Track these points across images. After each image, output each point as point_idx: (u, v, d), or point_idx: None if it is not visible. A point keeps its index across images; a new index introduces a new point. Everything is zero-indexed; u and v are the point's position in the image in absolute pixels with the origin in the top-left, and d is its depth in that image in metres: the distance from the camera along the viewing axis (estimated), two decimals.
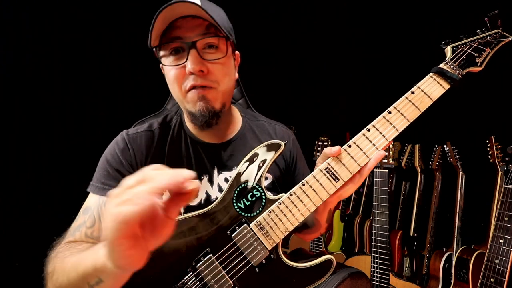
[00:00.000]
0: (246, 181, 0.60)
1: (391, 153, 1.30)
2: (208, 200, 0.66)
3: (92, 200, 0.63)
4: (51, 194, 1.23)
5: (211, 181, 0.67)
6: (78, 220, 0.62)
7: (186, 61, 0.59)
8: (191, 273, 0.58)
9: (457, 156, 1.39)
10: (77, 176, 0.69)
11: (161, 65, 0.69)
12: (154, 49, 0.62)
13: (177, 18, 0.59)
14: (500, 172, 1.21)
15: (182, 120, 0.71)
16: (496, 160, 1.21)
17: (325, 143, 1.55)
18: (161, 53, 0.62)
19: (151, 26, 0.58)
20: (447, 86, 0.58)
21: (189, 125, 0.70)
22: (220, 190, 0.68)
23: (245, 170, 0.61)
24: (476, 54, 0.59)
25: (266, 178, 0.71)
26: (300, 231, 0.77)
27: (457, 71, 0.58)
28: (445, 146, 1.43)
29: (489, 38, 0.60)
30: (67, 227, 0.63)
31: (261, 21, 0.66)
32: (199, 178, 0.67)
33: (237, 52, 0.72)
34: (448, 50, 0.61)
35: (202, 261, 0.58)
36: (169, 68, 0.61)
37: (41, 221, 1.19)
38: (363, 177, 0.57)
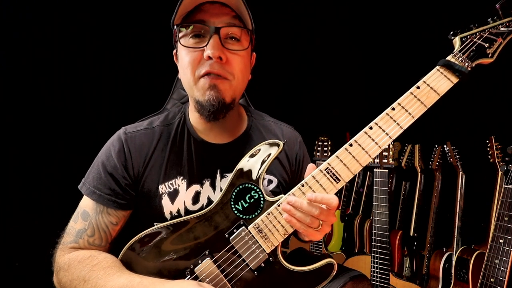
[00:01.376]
0: (245, 182, 0.59)
1: (391, 153, 1.29)
2: (209, 206, 0.63)
3: (90, 206, 0.61)
4: (51, 194, 1.21)
5: (213, 185, 0.65)
6: (77, 223, 0.61)
7: (206, 45, 0.57)
8: (188, 276, 0.57)
9: (457, 156, 1.39)
10: (76, 176, 0.67)
11: (174, 51, 0.67)
12: (174, 28, 0.61)
13: (205, 2, 0.58)
14: (500, 172, 1.21)
15: (186, 118, 0.68)
16: (496, 160, 1.21)
17: (325, 143, 1.54)
18: (181, 33, 0.60)
19: (178, 4, 0.56)
20: (455, 80, 0.54)
21: (194, 122, 0.67)
22: None
23: (244, 170, 0.60)
24: (486, 45, 0.55)
25: (271, 182, 0.69)
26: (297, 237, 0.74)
27: (466, 64, 0.54)
28: (445, 146, 1.42)
29: (501, 27, 0.56)
30: (63, 228, 0.63)
31: (261, 20, 0.65)
32: (201, 182, 0.64)
33: (253, 53, 0.70)
34: (457, 41, 0.57)
35: (200, 264, 0.56)
36: (186, 51, 0.59)
37: (41, 221, 1.17)
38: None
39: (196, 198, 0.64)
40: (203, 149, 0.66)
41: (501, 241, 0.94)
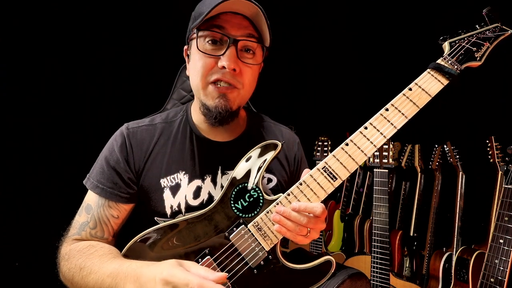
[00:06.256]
0: (245, 181, 0.60)
1: (391, 153, 1.29)
2: (210, 201, 0.65)
3: (93, 199, 0.63)
4: (52, 193, 1.22)
5: (214, 181, 0.66)
6: (81, 216, 0.63)
7: (222, 55, 0.58)
8: None
9: (457, 156, 1.39)
10: (78, 175, 0.69)
11: (185, 47, 0.68)
12: (192, 30, 0.62)
13: (227, 11, 0.59)
14: (500, 172, 1.21)
15: (189, 116, 0.70)
16: (496, 160, 1.21)
17: (325, 143, 1.55)
18: (198, 34, 0.60)
19: (206, 12, 0.55)
20: (445, 82, 0.57)
21: (196, 121, 0.69)
22: None
23: (244, 170, 0.61)
24: (474, 49, 0.58)
25: (271, 180, 0.70)
26: None
27: (455, 66, 0.57)
28: (445, 146, 1.42)
29: (488, 33, 0.59)
30: (66, 227, 0.64)
31: None
32: (202, 177, 0.66)
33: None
34: (446, 46, 0.60)
35: (200, 263, 0.57)
36: (201, 55, 0.60)
37: (41, 220, 1.18)
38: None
39: (197, 193, 0.65)
40: (205, 146, 0.68)
41: (501, 241, 0.94)
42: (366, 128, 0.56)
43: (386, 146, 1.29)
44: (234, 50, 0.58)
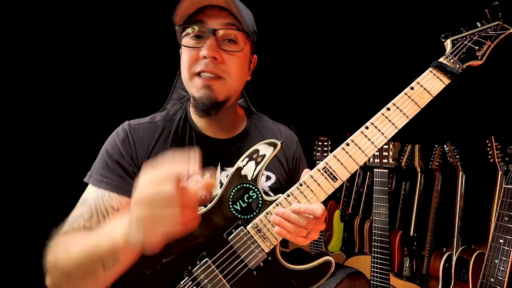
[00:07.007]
0: (244, 182, 0.59)
1: (391, 153, 1.29)
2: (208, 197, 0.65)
3: (91, 192, 0.62)
4: (52, 193, 1.22)
5: (213, 177, 0.67)
6: (76, 211, 0.61)
7: (203, 46, 0.60)
8: (187, 277, 0.57)
9: (457, 156, 1.39)
10: (76, 175, 0.68)
11: (180, 50, 0.70)
12: (176, 28, 0.64)
13: (206, 6, 0.61)
14: (500, 172, 1.21)
15: (188, 113, 0.71)
16: (496, 160, 1.21)
17: (325, 143, 1.54)
18: (183, 33, 0.64)
19: (178, 4, 0.60)
20: (447, 81, 0.56)
21: (194, 118, 0.70)
22: None
23: (242, 169, 0.60)
24: (476, 48, 0.57)
25: (269, 178, 0.70)
26: None
27: (457, 65, 0.56)
28: (445, 146, 1.42)
29: (490, 31, 0.58)
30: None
31: (261, 21, 0.67)
32: (202, 173, 0.66)
33: (254, 55, 0.72)
34: (448, 44, 0.59)
35: (198, 265, 0.57)
36: (186, 50, 0.63)
37: (41, 220, 1.18)
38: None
39: None
40: (204, 142, 0.68)
41: (501, 241, 0.94)
42: (367, 128, 0.56)
43: (386, 146, 1.29)
44: (214, 40, 0.60)
